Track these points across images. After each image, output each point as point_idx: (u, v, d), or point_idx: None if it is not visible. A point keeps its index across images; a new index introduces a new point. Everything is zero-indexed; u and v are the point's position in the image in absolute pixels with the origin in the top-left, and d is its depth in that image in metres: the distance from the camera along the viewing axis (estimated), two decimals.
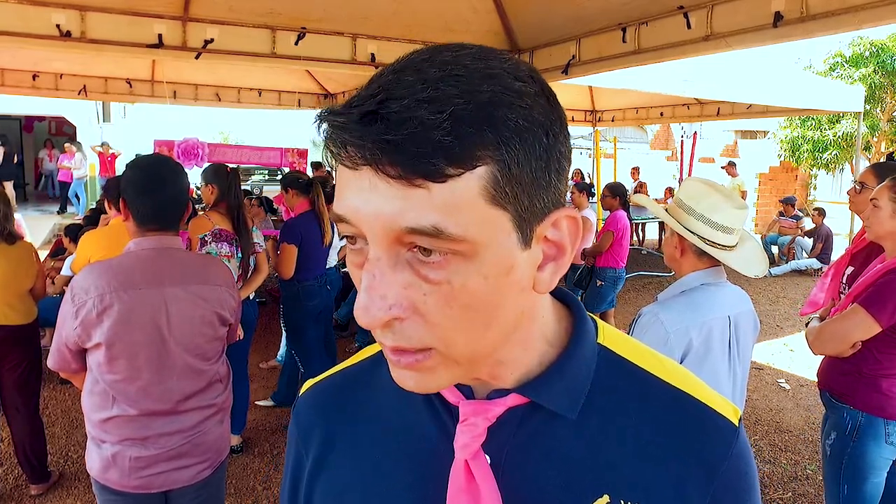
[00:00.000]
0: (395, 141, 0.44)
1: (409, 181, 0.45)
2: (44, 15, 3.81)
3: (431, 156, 0.45)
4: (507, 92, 0.48)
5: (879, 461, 2.30)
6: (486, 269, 0.49)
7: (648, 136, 27.14)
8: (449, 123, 0.45)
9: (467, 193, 0.46)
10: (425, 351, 0.51)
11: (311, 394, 0.74)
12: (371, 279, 0.49)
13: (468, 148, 0.45)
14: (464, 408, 0.59)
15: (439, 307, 0.49)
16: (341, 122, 0.47)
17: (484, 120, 0.46)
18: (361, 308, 0.49)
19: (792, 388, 5.36)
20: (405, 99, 0.45)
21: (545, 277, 0.54)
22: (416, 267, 0.48)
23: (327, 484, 0.67)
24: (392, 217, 0.46)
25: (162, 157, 2.01)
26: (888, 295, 2.18)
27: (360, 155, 0.46)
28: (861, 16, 2.95)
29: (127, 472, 1.83)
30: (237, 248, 3.65)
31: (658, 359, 0.65)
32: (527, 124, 0.48)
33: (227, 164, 3.94)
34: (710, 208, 1.89)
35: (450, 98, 0.45)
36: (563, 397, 0.59)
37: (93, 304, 1.73)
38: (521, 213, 0.49)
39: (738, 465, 0.60)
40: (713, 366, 1.86)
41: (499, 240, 0.49)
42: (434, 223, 0.46)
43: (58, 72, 7.76)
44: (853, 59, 13.80)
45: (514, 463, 0.59)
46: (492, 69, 0.48)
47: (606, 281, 5.75)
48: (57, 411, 4.56)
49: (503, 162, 0.47)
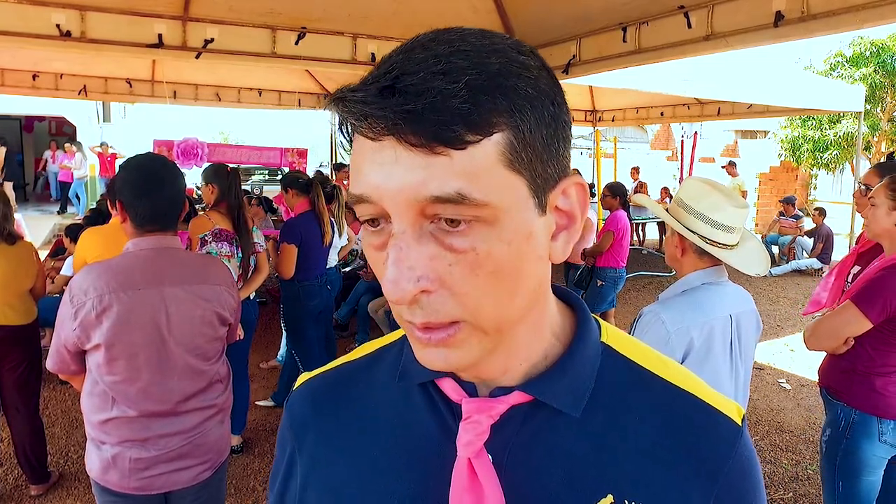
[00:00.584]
0: (415, 110, 0.46)
1: (431, 149, 0.46)
2: (44, 15, 3.81)
3: (451, 122, 0.46)
4: (514, 64, 0.50)
5: (873, 459, 2.31)
6: (509, 234, 0.50)
7: (649, 135, 27.15)
8: (465, 92, 0.46)
9: (487, 159, 0.48)
10: (455, 324, 0.52)
11: (305, 389, 0.72)
12: (398, 251, 0.49)
13: (485, 115, 0.47)
14: (467, 405, 0.59)
15: (466, 276, 0.50)
16: (360, 96, 0.48)
17: (496, 88, 0.48)
18: (391, 281, 0.49)
19: (793, 388, 5.36)
20: (420, 73, 0.47)
21: (558, 246, 0.56)
22: (440, 238, 0.49)
23: (322, 482, 0.66)
24: (416, 187, 0.47)
25: (156, 157, 2.00)
26: (878, 291, 2.21)
27: (383, 126, 0.47)
28: (862, 15, 2.95)
29: (127, 474, 1.82)
30: (237, 247, 3.65)
31: (660, 359, 0.65)
32: (535, 93, 0.50)
33: (228, 164, 3.93)
34: (711, 207, 1.89)
35: (462, 69, 0.47)
36: (567, 395, 0.59)
37: (92, 305, 1.73)
38: (535, 179, 0.51)
39: (742, 465, 0.60)
40: (715, 365, 1.86)
41: (518, 205, 0.50)
42: (458, 189, 0.47)
43: (58, 72, 7.76)
44: (853, 58, 13.80)
45: (517, 461, 0.58)
46: (496, 45, 0.50)
47: (607, 281, 5.75)
48: (57, 411, 4.56)
49: (517, 128, 0.49)
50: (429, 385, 0.63)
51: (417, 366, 0.61)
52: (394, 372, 0.66)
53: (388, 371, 0.67)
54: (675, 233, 1.95)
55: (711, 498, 0.58)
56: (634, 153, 21.87)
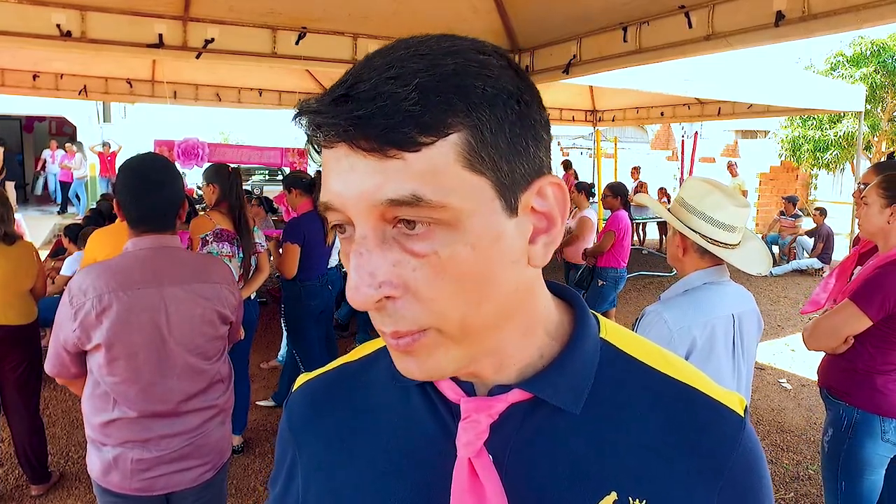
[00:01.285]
0: (365, 115, 0.46)
1: (384, 153, 0.46)
2: (44, 15, 3.80)
3: (402, 125, 0.46)
4: (471, 63, 0.49)
5: (875, 458, 2.31)
6: (473, 237, 0.49)
7: (649, 135, 27.14)
8: (416, 94, 0.46)
9: (443, 160, 0.47)
10: (422, 332, 0.51)
11: (304, 390, 0.72)
12: (359, 257, 0.49)
13: (437, 115, 0.47)
14: (465, 405, 0.58)
15: (429, 281, 0.49)
16: (315, 106, 0.49)
17: (450, 89, 0.47)
18: (352, 288, 0.49)
19: (793, 388, 5.36)
20: (373, 79, 0.47)
21: (538, 250, 0.54)
22: (402, 242, 0.49)
23: (322, 484, 0.65)
24: (372, 192, 0.47)
25: (152, 157, 1.98)
26: (876, 288, 2.21)
27: (334, 133, 0.48)
28: (863, 15, 2.95)
29: (128, 475, 1.82)
30: (238, 247, 3.65)
31: (661, 353, 0.65)
32: (494, 91, 0.49)
33: (229, 164, 3.93)
34: (713, 206, 1.89)
35: (414, 72, 0.47)
36: (567, 392, 0.58)
37: (91, 305, 1.72)
38: (501, 180, 0.50)
39: (746, 457, 0.59)
40: (717, 364, 1.86)
41: (482, 207, 0.49)
42: (412, 191, 0.46)
43: (58, 72, 7.75)
44: (854, 58, 13.80)
45: (517, 460, 0.58)
46: (455, 46, 0.50)
47: (608, 281, 5.75)
48: (57, 411, 4.56)
49: (475, 128, 0.48)
50: (427, 385, 0.62)
51: None
52: (392, 373, 0.65)
53: (387, 372, 0.66)
54: (677, 232, 1.95)
55: (716, 491, 0.57)
56: (635, 153, 21.87)
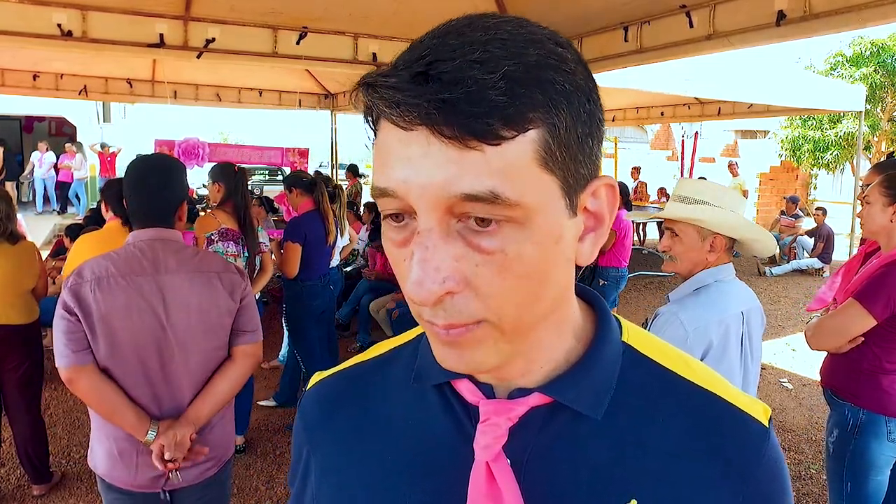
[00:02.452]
0: (451, 100, 0.43)
1: (465, 143, 0.44)
2: (44, 14, 3.81)
3: (487, 115, 0.44)
4: (552, 56, 0.47)
5: (881, 458, 2.30)
6: (539, 236, 0.48)
7: (649, 135, 27.14)
8: (503, 84, 0.44)
9: (521, 157, 0.45)
10: (476, 323, 0.49)
11: (318, 389, 0.71)
12: (424, 251, 0.47)
13: (521, 109, 0.45)
14: (485, 407, 0.57)
15: (492, 278, 0.47)
16: (392, 82, 0.45)
17: (534, 82, 0.45)
18: (415, 283, 0.47)
19: (794, 387, 5.36)
20: (456, 60, 0.44)
21: (586, 248, 0.53)
22: (467, 237, 0.47)
23: (336, 484, 0.65)
24: (446, 183, 0.45)
25: (156, 157, 1.99)
26: (881, 287, 2.21)
27: (416, 114, 0.44)
28: (864, 14, 2.95)
29: (134, 471, 1.82)
30: (244, 247, 3.65)
31: (683, 358, 0.63)
32: (572, 88, 0.48)
33: (235, 164, 3.93)
34: (734, 203, 1.92)
35: (499, 59, 0.44)
36: (589, 397, 0.57)
37: (90, 289, 1.71)
38: (568, 180, 0.49)
39: (771, 468, 0.58)
40: (729, 364, 1.86)
41: (550, 206, 0.48)
42: (491, 188, 0.44)
43: (58, 72, 7.77)
44: (854, 58, 13.79)
45: (536, 465, 0.56)
46: (534, 35, 0.48)
47: (609, 280, 5.76)
48: (59, 411, 4.56)
49: (553, 125, 0.46)
50: (445, 386, 0.61)
51: (433, 367, 0.59)
52: (408, 373, 0.64)
53: (403, 372, 0.65)
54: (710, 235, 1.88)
55: (739, 501, 0.56)
56: (634, 153, 21.88)
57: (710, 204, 1.90)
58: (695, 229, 1.90)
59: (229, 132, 27.22)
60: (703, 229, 1.89)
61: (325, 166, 16.40)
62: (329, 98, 9.85)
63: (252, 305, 2.00)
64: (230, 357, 1.95)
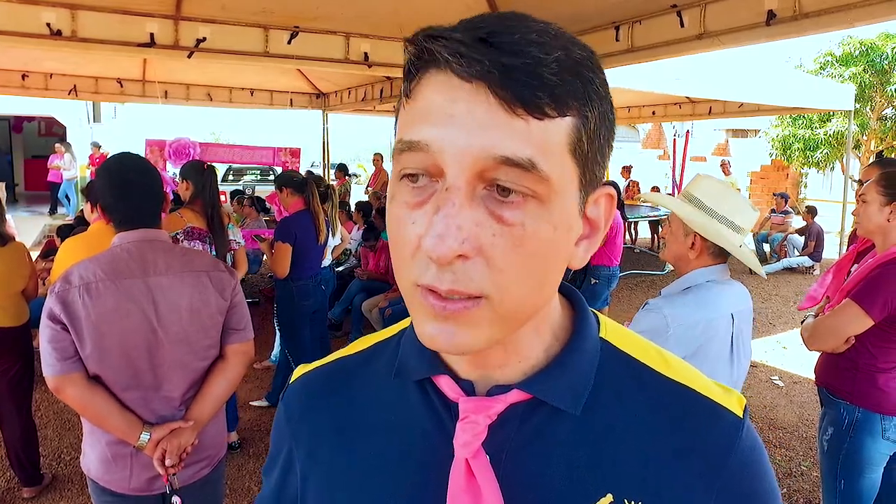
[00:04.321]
0: (510, 65, 0.46)
1: (513, 109, 0.46)
2: (34, 13, 3.78)
3: (539, 89, 0.46)
4: (591, 58, 0.51)
5: (876, 456, 2.31)
6: (556, 219, 0.50)
7: (640, 134, 27.22)
8: (556, 66, 0.47)
9: (558, 138, 0.48)
10: (476, 299, 0.49)
11: (301, 383, 0.71)
12: (451, 207, 0.47)
13: (566, 94, 0.48)
14: (464, 404, 0.58)
15: (506, 250, 0.48)
16: (458, 37, 0.47)
17: (577, 75, 0.49)
18: (437, 236, 0.47)
19: (785, 384, 5.39)
20: (515, 34, 0.47)
21: (580, 253, 0.56)
22: (490, 206, 0.48)
23: (320, 478, 0.65)
24: (489, 144, 0.46)
25: (129, 157, 1.96)
26: (878, 288, 2.21)
27: (478, 69, 0.46)
28: (853, 14, 2.97)
29: (129, 475, 1.80)
30: (211, 245, 3.55)
31: (660, 353, 0.64)
32: (604, 92, 0.52)
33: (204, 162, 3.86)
34: (733, 210, 1.87)
35: (553, 46, 0.48)
36: (567, 393, 0.58)
37: (78, 294, 1.69)
38: (586, 174, 0.52)
39: (745, 457, 0.59)
40: (714, 364, 1.85)
41: (570, 192, 0.51)
42: (530, 156, 0.47)
43: (47, 71, 7.71)
44: (843, 58, 13.87)
45: (515, 461, 0.57)
46: (574, 39, 0.51)
47: (600, 279, 5.77)
48: (49, 413, 4.53)
49: (586, 118, 0.50)
50: (426, 382, 0.61)
51: (414, 363, 0.61)
52: (390, 368, 0.65)
53: (385, 367, 0.66)
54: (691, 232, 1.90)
55: (714, 493, 0.57)
56: (626, 152, 21.92)
57: (703, 203, 1.90)
58: (679, 222, 1.93)
59: (220, 132, 27.12)
60: (686, 225, 1.91)
61: (316, 166, 16.37)
62: (320, 98, 9.82)
63: (242, 303, 1.99)
64: (222, 356, 1.94)
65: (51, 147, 14.54)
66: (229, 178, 15.99)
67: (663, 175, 17.56)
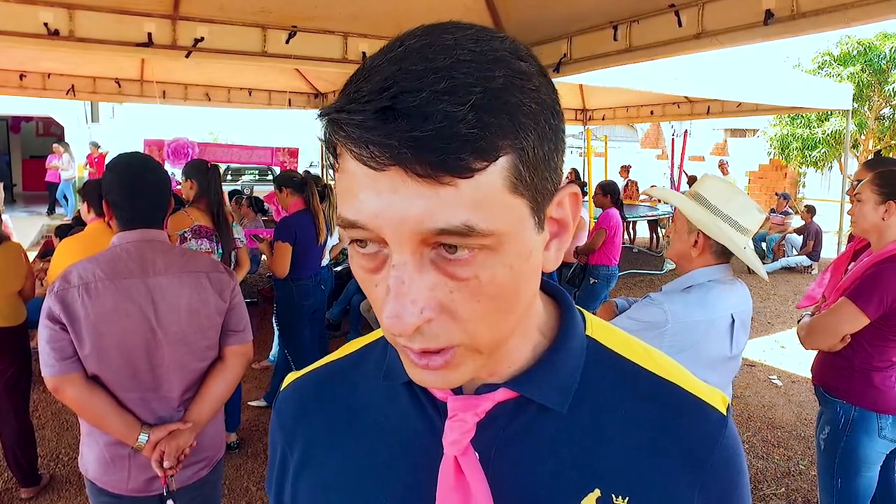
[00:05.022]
0: (423, 138, 0.42)
1: (438, 179, 0.43)
2: (31, 13, 3.77)
3: (460, 150, 0.43)
4: (517, 75, 0.46)
5: (873, 455, 2.32)
6: (510, 258, 0.48)
7: (639, 134, 27.24)
8: (472, 115, 0.43)
9: (493, 186, 0.45)
10: (451, 349, 0.50)
11: (292, 389, 0.72)
12: (400, 285, 0.47)
13: (492, 139, 0.44)
14: (452, 403, 0.58)
15: (466, 302, 0.48)
16: (358, 119, 0.44)
17: (502, 108, 0.45)
18: (393, 317, 0.47)
19: (784, 384, 5.40)
20: (422, 91, 0.43)
21: (551, 256, 0.55)
22: (441, 266, 0.47)
23: (312, 481, 0.66)
24: (420, 218, 0.44)
25: (142, 157, 1.97)
26: (874, 286, 2.22)
27: (388, 155, 0.43)
28: (851, 13, 2.97)
29: (127, 475, 1.80)
30: (218, 244, 3.60)
31: (646, 350, 0.65)
32: (538, 107, 0.47)
33: (208, 161, 3.90)
34: (739, 211, 1.88)
35: (467, 88, 0.43)
36: (553, 391, 0.59)
37: (77, 294, 1.68)
38: (536, 199, 0.49)
39: (727, 453, 0.60)
40: (709, 362, 1.86)
41: (520, 227, 0.48)
42: (464, 221, 0.44)
43: (45, 71, 7.69)
44: (841, 57, 13.90)
45: (503, 459, 0.58)
46: (497, 52, 0.47)
47: (599, 279, 5.77)
48: (47, 413, 4.52)
49: (522, 150, 0.46)
50: (414, 384, 0.61)
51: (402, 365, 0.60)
52: (378, 371, 0.66)
53: (373, 370, 0.67)
54: (695, 230, 1.91)
55: (697, 486, 0.59)
56: (625, 152, 21.95)
57: (709, 202, 1.91)
58: (685, 219, 1.94)
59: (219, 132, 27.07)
60: (691, 223, 1.91)
61: (314, 166, 16.35)
62: (319, 97, 9.81)
63: (241, 305, 1.99)
64: (221, 357, 1.94)
65: (49, 147, 14.52)
66: (228, 178, 15.99)
67: (662, 174, 17.57)
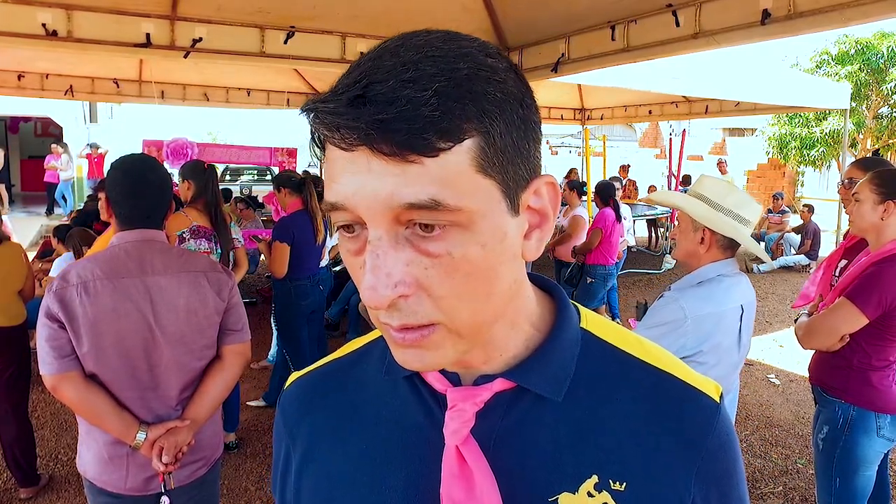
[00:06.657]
0: (387, 120, 0.46)
1: (404, 157, 0.47)
2: (29, 14, 3.77)
3: (423, 131, 0.47)
4: (482, 68, 0.50)
5: (871, 454, 2.32)
6: (484, 237, 0.51)
7: (637, 134, 27.24)
8: (435, 100, 0.47)
9: (459, 166, 0.49)
10: (431, 326, 0.52)
11: (296, 387, 0.75)
12: (375, 259, 0.50)
13: (455, 121, 0.48)
14: (451, 394, 0.61)
15: (442, 279, 0.51)
16: (331, 107, 0.48)
17: (465, 95, 0.49)
18: (369, 288, 0.50)
19: (782, 383, 5.41)
20: (389, 80, 0.47)
21: (531, 245, 0.57)
22: (415, 243, 0.50)
23: (316, 477, 0.68)
24: (390, 194, 0.48)
25: (144, 158, 1.98)
26: (872, 286, 2.22)
27: (356, 136, 0.47)
28: (848, 13, 2.98)
29: (125, 475, 1.80)
30: (216, 244, 3.61)
31: (639, 341, 0.67)
32: (503, 97, 0.51)
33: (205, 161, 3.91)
34: (739, 204, 1.97)
35: (431, 76, 0.48)
36: (550, 381, 0.61)
37: (76, 292, 1.69)
38: (507, 182, 0.52)
39: (721, 440, 0.62)
40: (722, 354, 1.94)
41: (491, 208, 0.51)
42: (432, 196, 0.48)
43: (44, 72, 7.68)
44: (839, 56, 13.92)
45: (502, 446, 0.60)
46: (463, 48, 0.51)
47: (597, 278, 5.78)
48: (46, 413, 4.53)
49: (487, 133, 0.50)
50: (414, 377, 0.64)
51: None
52: (380, 367, 0.68)
53: (375, 366, 0.69)
54: (700, 228, 1.98)
55: (693, 472, 0.60)
56: (623, 151, 21.94)
57: (711, 200, 1.98)
58: (689, 219, 2.01)
59: (218, 132, 27.05)
60: (696, 221, 1.98)
61: (313, 166, 16.34)
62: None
63: (240, 304, 2.00)
64: (219, 357, 1.94)
65: (47, 147, 14.51)
66: (226, 179, 15.99)
67: (660, 174, 17.58)
